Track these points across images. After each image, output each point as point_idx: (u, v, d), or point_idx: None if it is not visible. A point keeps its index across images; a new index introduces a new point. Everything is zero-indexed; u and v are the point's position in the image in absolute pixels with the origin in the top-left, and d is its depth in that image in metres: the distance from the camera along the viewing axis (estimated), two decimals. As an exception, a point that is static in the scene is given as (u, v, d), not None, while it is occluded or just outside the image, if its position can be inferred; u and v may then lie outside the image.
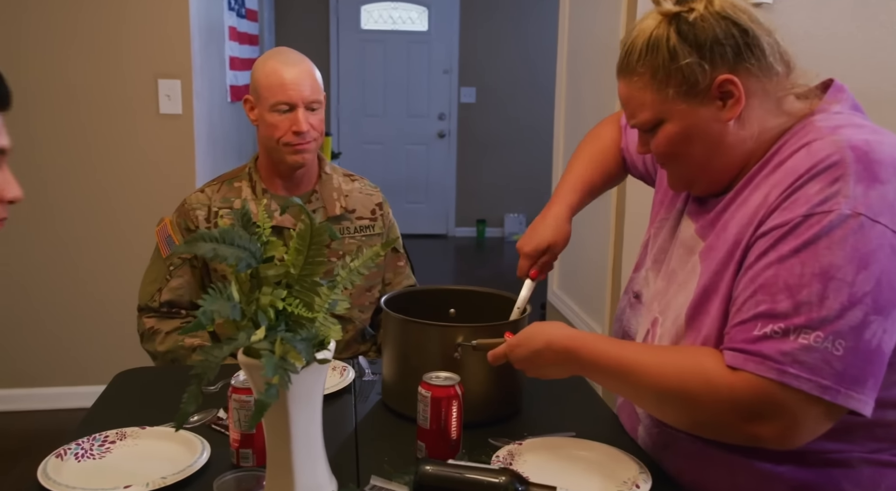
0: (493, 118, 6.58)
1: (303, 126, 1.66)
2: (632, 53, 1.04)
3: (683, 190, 1.15)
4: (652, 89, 1.03)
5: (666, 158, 1.09)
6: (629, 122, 1.09)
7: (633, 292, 1.26)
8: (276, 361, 0.85)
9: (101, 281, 2.99)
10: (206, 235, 0.92)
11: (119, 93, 2.90)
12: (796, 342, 0.88)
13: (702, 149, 1.04)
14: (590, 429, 1.24)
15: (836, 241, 0.89)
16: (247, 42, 4.13)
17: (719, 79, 1.00)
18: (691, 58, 0.99)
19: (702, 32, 0.99)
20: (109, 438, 1.18)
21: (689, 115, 1.02)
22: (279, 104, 1.66)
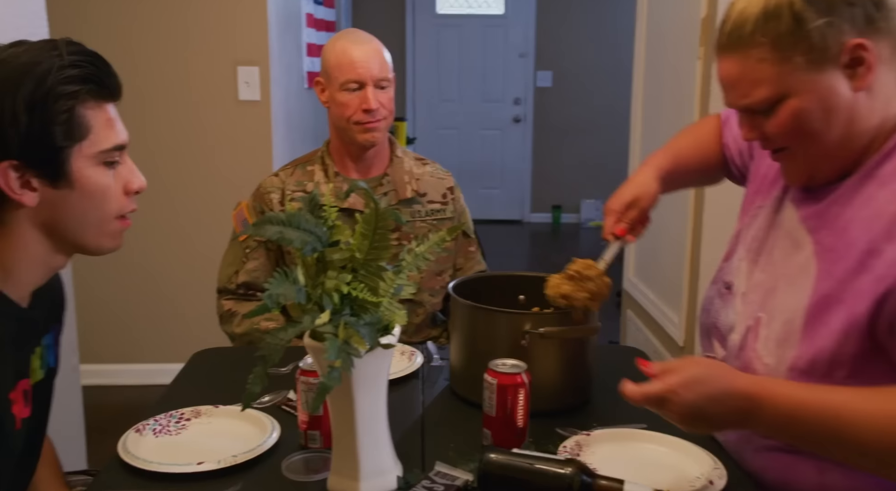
0: (570, 102, 6.47)
1: (372, 103, 1.66)
2: (743, 25, 0.95)
3: (803, 182, 1.04)
4: (773, 61, 0.94)
5: (789, 140, 0.99)
6: (739, 103, 0.99)
7: (723, 282, 1.17)
8: (339, 345, 0.85)
9: (185, 264, 3.10)
10: (273, 218, 0.93)
11: (200, 80, 2.98)
12: None
13: (830, 125, 0.95)
14: (662, 421, 1.19)
15: None
16: (324, 28, 4.18)
17: (850, 43, 0.92)
18: (819, 21, 0.91)
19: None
20: (185, 415, 1.22)
21: (817, 87, 0.93)
22: (348, 82, 1.67)
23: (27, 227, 0.97)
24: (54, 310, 1.17)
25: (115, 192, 1.01)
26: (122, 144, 1.02)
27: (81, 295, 2.42)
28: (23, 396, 1.02)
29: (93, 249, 1.04)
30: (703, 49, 2.14)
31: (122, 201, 1.03)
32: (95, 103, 0.98)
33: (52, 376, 1.15)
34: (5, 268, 0.98)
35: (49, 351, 1.13)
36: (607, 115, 6.29)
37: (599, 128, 6.39)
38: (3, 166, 0.92)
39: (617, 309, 3.24)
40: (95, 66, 0.98)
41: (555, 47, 6.44)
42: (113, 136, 1.00)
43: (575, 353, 1.28)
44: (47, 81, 0.92)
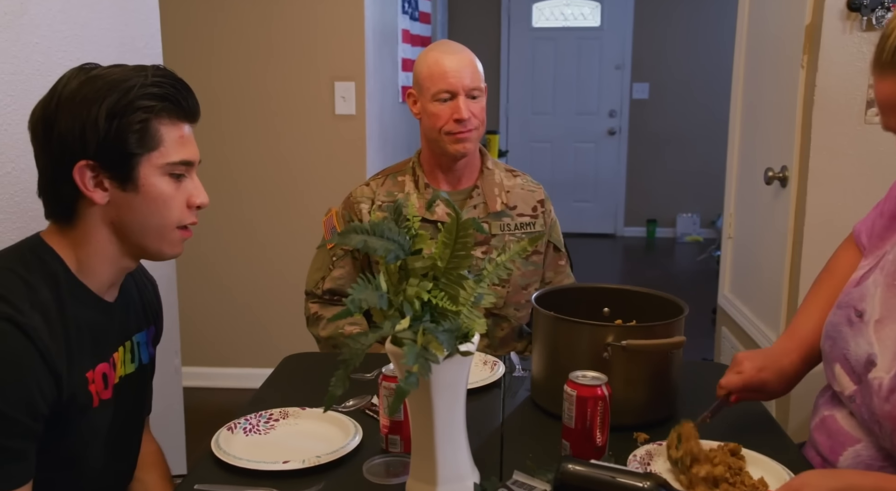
0: (667, 114, 6.33)
1: (464, 113, 1.67)
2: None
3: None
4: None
5: None
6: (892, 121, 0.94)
7: (853, 309, 1.09)
8: (417, 351, 0.87)
9: (281, 269, 3.22)
10: (358, 228, 0.96)
11: (299, 95, 3.10)
12: None
13: None
14: (752, 440, 1.15)
15: None
16: (419, 44, 4.26)
17: None
18: None
19: None
20: (274, 416, 1.27)
21: None
22: (440, 92, 1.68)
23: (99, 225, 1.07)
24: (147, 312, 1.26)
25: (177, 202, 1.09)
26: (191, 161, 1.10)
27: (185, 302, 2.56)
28: (101, 379, 1.11)
29: (153, 253, 1.13)
30: (806, 57, 2.06)
31: (184, 213, 1.11)
32: (170, 121, 1.07)
33: (144, 372, 1.23)
34: (81, 261, 1.08)
35: (142, 348, 1.22)
36: (704, 128, 6.11)
37: (696, 140, 6.22)
38: (80, 165, 1.03)
39: (712, 325, 3.13)
40: (175, 88, 1.08)
41: (651, 59, 6.33)
42: (183, 151, 1.09)
43: (658, 367, 1.25)
44: (130, 95, 1.03)
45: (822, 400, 1.16)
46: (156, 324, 1.29)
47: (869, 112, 1.98)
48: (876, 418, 1.00)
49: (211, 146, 3.13)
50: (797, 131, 2.08)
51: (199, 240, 3.18)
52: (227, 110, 3.12)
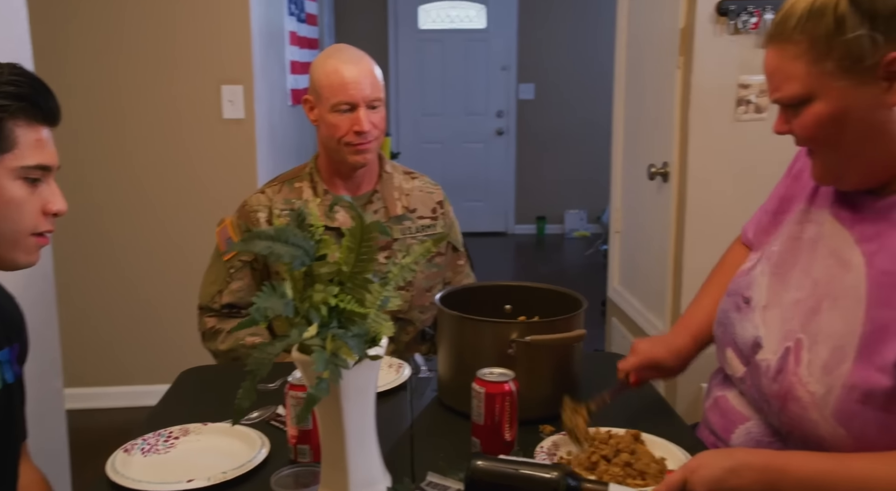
0: (552, 114, 6.52)
1: (364, 126, 1.64)
2: (789, 19, 0.95)
3: (830, 183, 1.03)
4: (807, 60, 0.93)
5: (811, 142, 0.99)
6: (772, 95, 0.99)
7: (741, 296, 1.14)
8: (326, 357, 0.86)
9: (168, 282, 3.09)
10: (261, 234, 0.94)
11: (184, 100, 2.99)
12: None
13: (855, 135, 0.94)
14: (652, 426, 1.21)
15: None
16: (307, 46, 4.20)
17: (890, 56, 0.90)
18: (862, 29, 0.89)
19: (880, 1, 0.90)
20: (174, 433, 1.22)
21: (846, 95, 0.92)
22: (340, 104, 1.64)
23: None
24: (7, 328, 1.17)
25: (31, 208, 1.05)
26: (48, 165, 1.06)
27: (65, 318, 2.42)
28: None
29: (7, 261, 1.07)
30: (682, 59, 2.17)
31: (39, 219, 1.06)
32: (27, 122, 1.02)
33: (11, 394, 1.15)
34: None
35: (5, 367, 1.14)
36: (589, 126, 6.34)
37: (582, 139, 6.44)
38: None
39: (602, 317, 3.25)
40: (33, 89, 1.03)
41: (536, 60, 6.50)
42: (39, 155, 1.04)
43: (561, 360, 1.29)
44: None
45: (715, 382, 1.23)
46: (19, 341, 1.19)
47: (738, 110, 2.11)
48: (765, 397, 1.06)
49: (93, 152, 2.98)
50: (676, 129, 2.19)
51: (80, 253, 3.03)
52: (108, 115, 2.96)
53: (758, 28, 2.03)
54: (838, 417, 0.95)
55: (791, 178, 1.21)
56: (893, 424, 0.92)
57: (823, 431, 0.97)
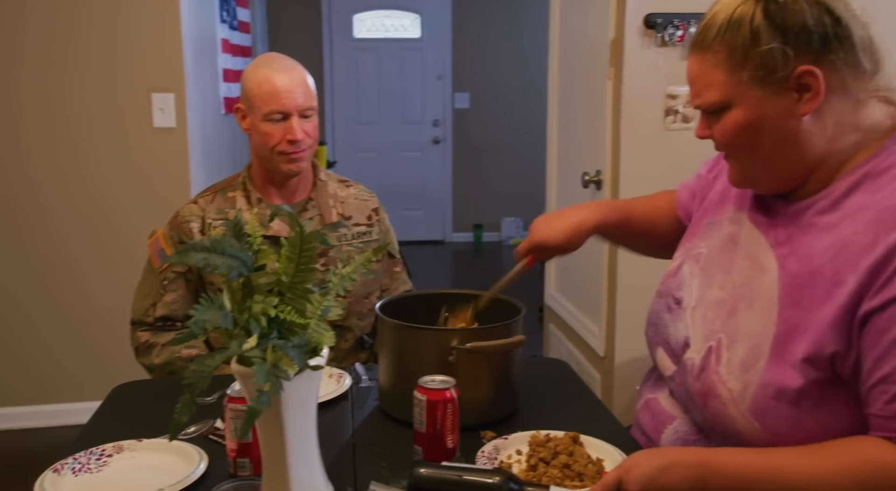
0: (488, 123, 6.60)
1: (297, 134, 1.64)
2: (710, 28, 0.98)
3: (745, 186, 1.08)
4: (725, 69, 0.97)
5: (728, 148, 1.03)
6: (693, 101, 1.03)
7: (671, 296, 1.18)
8: (267, 369, 0.85)
9: (98, 295, 3.00)
10: (197, 245, 0.93)
11: (113, 108, 2.91)
12: None
13: (769, 142, 0.98)
14: (589, 428, 1.24)
15: None
16: (240, 54, 4.15)
17: (800, 69, 0.94)
18: (774, 42, 0.93)
19: (791, 16, 0.93)
20: (107, 451, 1.18)
21: (761, 104, 0.96)
22: (273, 113, 1.63)
23: None
24: None
25: None
26: None
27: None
28: None
29: None
30: (612, 69, 2.23)
31: None
32: None
33: None
34: None
35: None
36: (525, 135, 6.44)
37: (517, 147, 6.53)
38: None
39: (539, 323, 3.30)
40: None
41: (471, 69, 6.57)
42: None
43: (500, 367, 1.31)
44: None
45: (647, 385, 1.26)
46: None
47: (667, 119, 2.18)
48: (690, 395, 1.10)
49: (15, 161, 2.86)
50: (608, 137, 2.25)
51: (1, 267, 2.90)
52: (32, 123, 2.86)
53: (683, 41, 2.11)
54: (754, 413, 0.99)
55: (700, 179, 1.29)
56: (804, 419, 0.97)
57: (741, 426, 1.01)
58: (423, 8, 6.51)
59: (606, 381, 2.34)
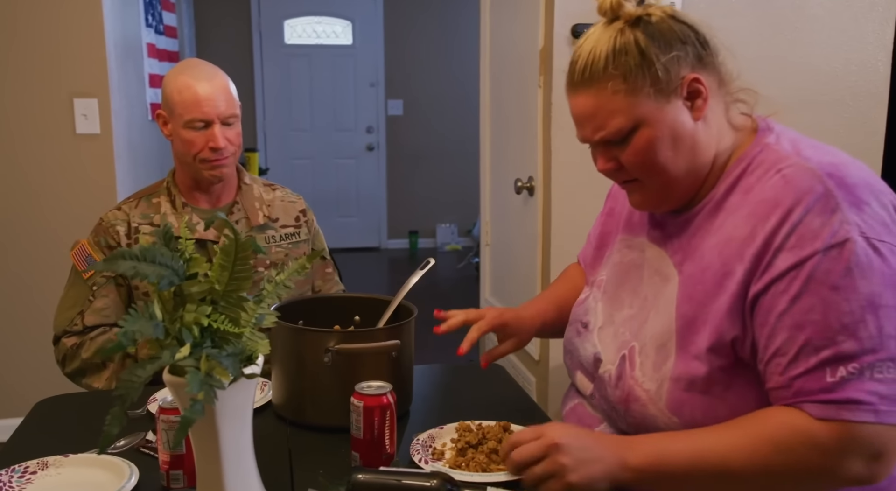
0: (422, 130, 6.62)
1: (220, 142, 1.63)
2: (595, 62, 1.03)
3: (650, 208, 1.13)
4: (625, 93, 1.02)
5: (640, 169, 1.06)
6: (594, 136, 1.06)
7: (580, 322, 1.25)
8: (201, 378, 0.84)
9: (17, 307, 2.88)
10: (126, 253, 0.91)
11: (32, 113, 2.80)
12: (874, 379, 0.90)
13: (678, 153, 1.04)
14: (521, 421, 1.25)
15: (865, 269, 0.91)
16: (166, 59, 4.05)
17: (688, 78, 1.02)
18: (663, 57, 1.01)
19: (668, 32, 1.03)
20: (30, 468, 1.14)
21: (665, 117, 1.03)
22: (194, 121, 1.63)
23: None
24: None
25: None
26: None
27: None
28: None
29: None
30: (542, 78, 2.28)
31: None
32: None
33: None
34: None
35: None
36: (458, 142, 6.49)
37: (451, 154, 6.58)
38: None
39: (476, 329, 3.33)
40: None
41: (403, 76, 6.59)
42: None
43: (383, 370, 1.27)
44: None
45: (572, 391, 1.30)
46: None
47: (596, 127, 2.23)
48: (611, 405, 1.15)
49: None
50: (539, 144, 2.29)
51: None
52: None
53: (610, 50, 2.17)
54: (671, 408, 1.04)
55: (605, 216, 1.36)
56: (716, 406, 1.03)
57: (662, 423, 1.06)
58: (355, 15, 6.50)
59: (541, 384, 2.38)
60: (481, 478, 1.07)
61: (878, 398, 0.90)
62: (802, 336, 0.93)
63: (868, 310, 0.91)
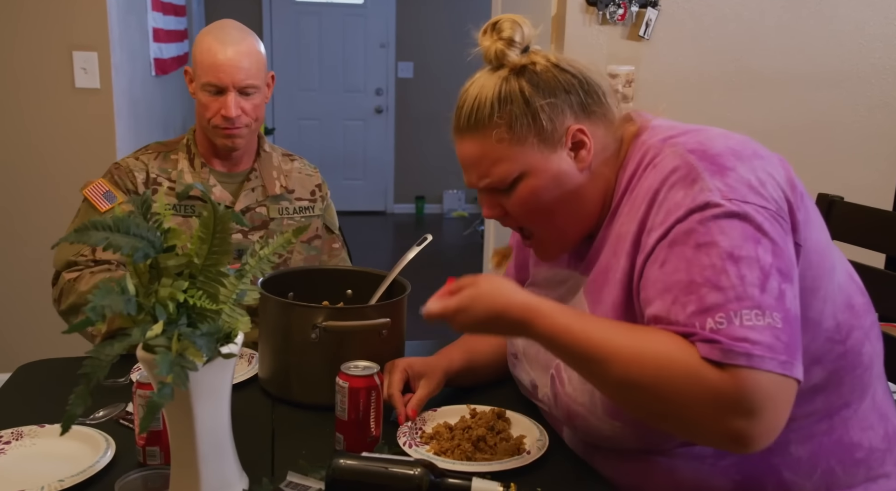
0: (432, 93, 6.51)
1: (231, 111, 1.58)
2: (480, 109, 1.03)
3: (553, 256, 1.12)
4: (510, 141, 1.02)
5: (527, 217, 1.06)
6: (479, 183, 1.06)
7: (512, 355, 1.25)
8: (171, 359, 0.80)
9: (12, 260, 2.85)
10: (98, 224, 0.86)
11: (30, 66, 2.74)
12: (743, 326, 0.85)
13: (562, 202, 1.04)
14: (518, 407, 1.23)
15: (725, 227, 0.90)
16: (171, 12, 3.96)
17: (571, 129, 1.02)
18: (547, 106, 1.01)
19: (552, 81, 1.02)
20: (3, 438, 1.10)
21: (549, 166, 1.02)
22: (208, 85, 1.58)
23: None
24: None
25: None
26: None
27: None
28: None
29: None
30: (553, 46, 2.20)
31: None
32: None
33: None
34: None
35: None
36: (468, 107, 6.37)
37: (461, 119, 6.47)
38: None
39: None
40: None
41: (415, 38, 6.46)
42: None
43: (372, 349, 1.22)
44: None
45: None
46: None
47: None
48: (560, 423, 1.14)
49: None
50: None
51: None
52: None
53: (624, 20, 2.08)
54: (610, 415, 1.01)
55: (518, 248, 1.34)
56: None
57: (608, 431, 1.03)
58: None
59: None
60: (465, 467, 1.04)
61: (749, 342, 0.84)
62: (670, 296, 0.90)
63: (729, 261, 0.88)
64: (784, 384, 0.85)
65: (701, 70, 2.31)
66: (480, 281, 0.99)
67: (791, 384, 0.86)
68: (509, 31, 1.04)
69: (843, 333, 1.01)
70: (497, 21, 1.07)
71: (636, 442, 1.03)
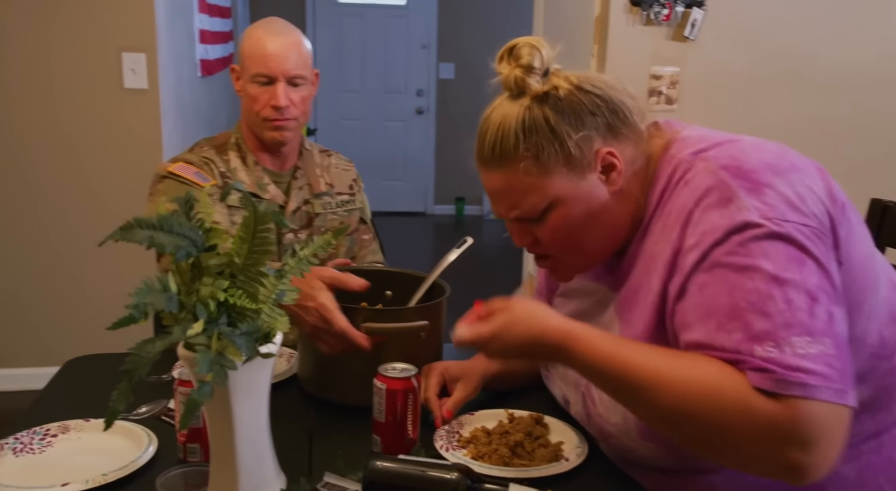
0: (473, 94, 6.48)
1: (281, 101, 1.59)
2: (505, 140, 0.99)
3: (572, 277, 1.10)
4: (538, 173, 0.98)
5: (559, 246, 1.03)
6: (509, 214, 1.03)
7: (543, 367, 1.24)
8: (211, 358, 0.81)
9: (64, 263, 2.92)
10: (142, 222, 0.87)
11: (80, 66, 2.81)
12: (796, 354, 0.81)
13: (594, 227, 1.01)
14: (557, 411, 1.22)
15: (767, 248, 0.86)
16: (217, 14, 4.03)
17: (601, 152, 0.99)
18: (573, 133, 0.97)
19: (576, 105, 0.98)
20: (51, 431, 1.13)
21: (580, 193, 0.99)
22: (259, 75, 1.60)
23: None
24: None
25: None
26: None
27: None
28: None
29: None
30: (596, 47, 2.17)
31: None
32: None
33: None
34: None
35: None
36: (509, 109, 6.35)
37: (501, 121, 6.45)
38: None
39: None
40: None
41: (456, 40, 6.46)
42: None
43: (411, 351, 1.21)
44: None
45: None
46: None
47: (650, 100, 2.13)
48: (601, 439, 1.11)
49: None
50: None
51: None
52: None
53: (669, 20, 2.05)
54: (645, 437, 0.98)
55: None
56: None
57: (642, 452, 1.00)
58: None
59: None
60: (502, 472, 1.03)
61: (802, 371, 0.80)
62: (713, 321, 0.86)
63: (773, 284, 0.84)
64: (839, 413, 0.82)
65: (748, 71, 2.26)
66: (514, 306, 0.96)
67: (846, 412, 0.82)
68: (528, 57, 1.00)
69: (888, 348, 0.97)
70: (514, 46, 1.02)
71: (674, 463, 1.00)
